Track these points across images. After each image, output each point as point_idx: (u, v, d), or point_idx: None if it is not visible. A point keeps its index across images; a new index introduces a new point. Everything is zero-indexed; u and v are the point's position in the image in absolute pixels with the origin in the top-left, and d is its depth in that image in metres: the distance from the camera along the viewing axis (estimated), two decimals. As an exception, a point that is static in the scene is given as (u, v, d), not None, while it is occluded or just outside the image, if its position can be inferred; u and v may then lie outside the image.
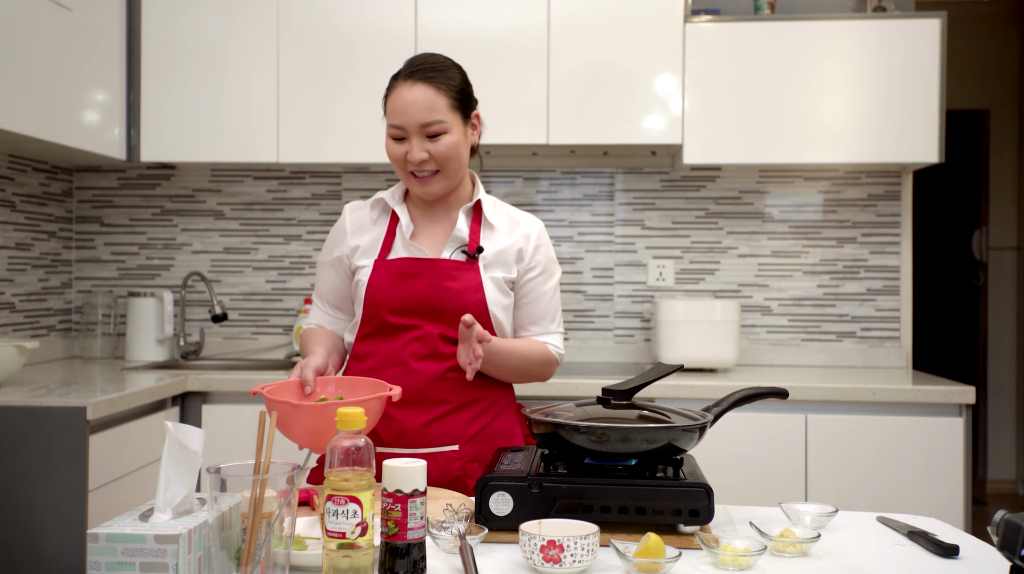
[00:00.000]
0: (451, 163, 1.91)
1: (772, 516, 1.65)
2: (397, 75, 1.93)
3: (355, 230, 2.02)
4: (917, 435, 3.01)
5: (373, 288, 1.93)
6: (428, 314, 1.91)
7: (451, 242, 1.96)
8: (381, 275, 1.93)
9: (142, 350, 3.62)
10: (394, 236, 1.98)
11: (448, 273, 1.92)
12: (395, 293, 1.91)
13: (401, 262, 1.93)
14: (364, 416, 1.28)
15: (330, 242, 2.06)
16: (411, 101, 1.87)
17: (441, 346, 1.90)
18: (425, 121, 1.87)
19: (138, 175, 3.84)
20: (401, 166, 1.93)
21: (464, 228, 1.96)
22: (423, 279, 1.91)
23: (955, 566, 1.42)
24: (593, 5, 3.36)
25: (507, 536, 1.48)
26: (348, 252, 2.00)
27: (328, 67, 3.42)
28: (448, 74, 1.92)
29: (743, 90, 3.35)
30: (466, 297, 1.91)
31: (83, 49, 3.18)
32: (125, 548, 1.17)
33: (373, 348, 1.94)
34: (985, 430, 5.84)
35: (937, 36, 3.31)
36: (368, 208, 2.04)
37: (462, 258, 1.95)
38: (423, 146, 1.89)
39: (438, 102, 1.88)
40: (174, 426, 1.27)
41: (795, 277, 3.70)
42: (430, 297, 1.90)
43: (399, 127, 1.89)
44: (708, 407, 1.70)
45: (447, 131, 1.89)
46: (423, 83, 1.88)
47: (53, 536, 2.41)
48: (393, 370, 1.91)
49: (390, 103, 1.92)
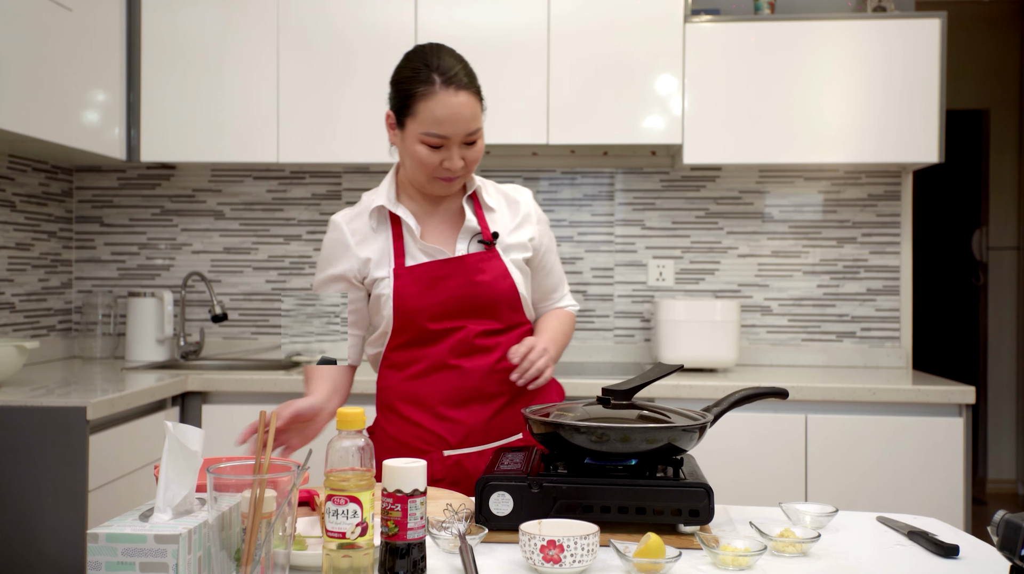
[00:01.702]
0: (477, 164, 1.92)
1: (772, 516, 1.65)
2: (428, 78, 1.82)
3: (359, 241, 1.93)
4: (917, 435, 3.01)
5: (403, 298, 1.88)
6: (467, 312, 1.89)
7: (463, 234, 1.93)
8: (408, 283, 1.88)
9: (142, 350, 3.62)
10: (403, 240, 1.91)
11: (476, 267, 1.90)
12: (430, 299, 1.88)
13: (428, 267, 1.89)
14: (364, 416, 1.28)
15: (330, 258, 1.96)
16: (458, 111, 1.81)
17: (485, 341, 1.90)
18: (470, 130, 1.84)
19: (138, 175, 3.85)
20: (431, 172, 1.86)
21: (473, 218, 1.93)
22: (454, 279, 1.89)
23: (955, 566, 1.42)
24: (593, 5, 3.36)
25: (507, 536, 1.48)
26: (358, 265, 1.92)
27: (328, 67, 3.42)
28: (474, 76, 1.88)
29: (743, 90, 3.34)
30: (497, 286, 1.90)
31: (83, 49, 3.18)
32: (125, 548, 1.17)
33: (414, 355, 1.92)
34: (985, 430, 5.84)
35: (937, 36, 3.31)
36: (364, 217, 1.94)
37: (481, 248, 1.93)
38: (462, 153, 1.85)
39: (477, 109, 1.85)
40: (174, 426, 1.27)
41: (795, 277, 3.70)
42: (466, 295, 1.89)
43: (443, 136, 1.82)
44: (708, 407, 1.70)
45: (481, 136, 1.88)
46: (465, 91, 1.83)
47: (53, 536, 2.41)
48: (442, 374, 1.90)
49: (428, 111, 1.81)
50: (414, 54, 1.88)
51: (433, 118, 1.81)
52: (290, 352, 3.76)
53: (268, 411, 1.55)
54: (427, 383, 1.91)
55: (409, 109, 1.83)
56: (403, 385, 1.94)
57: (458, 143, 1.84)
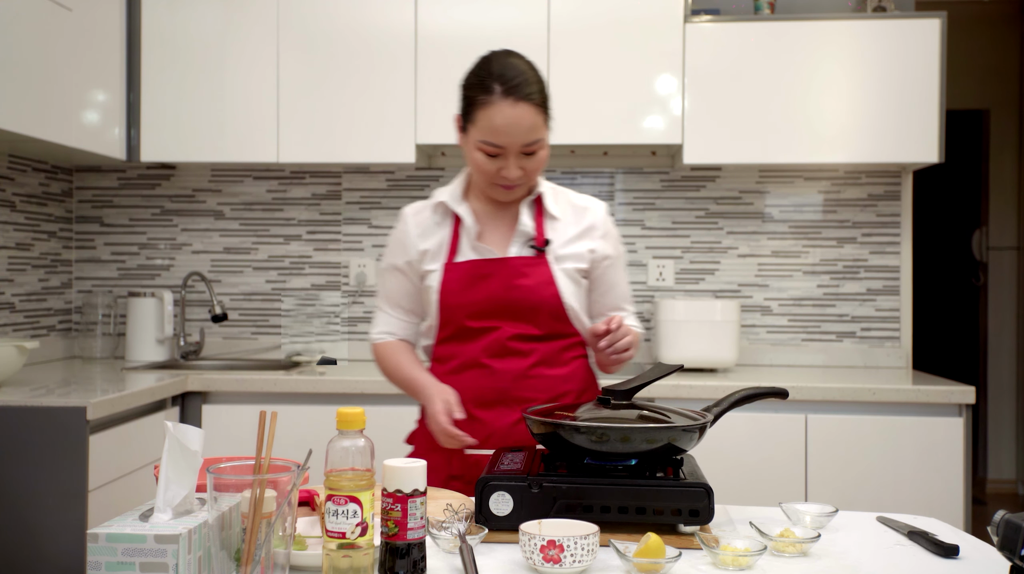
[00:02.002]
0: (539, 173, 1.92)
1: (772, 516, 1.65)
2: (487, 87, 1.85)
3: (420, 234, 1.98)
4: (917, 435, 3.01)
5: (446, 293, 1.91)
6: (505, 314, 1.90)
7: (517, 237, 1.94)
8: (453, 279, 1.91)
9: (142, 350, 3.62)
10: (459, 237, 1.95)
11: (519, 270, 1.90)
12: (470, 297, 1.90)
13: (471, 264, 1.91)
14: (364, 416, 1.28)
15: (395, 247, 2.03)
16: (514, 123, 1.83)
17: (521, 345, 1.90)
18: (527, 141, 1.85)
19: (138, 175, 3.84)
20: (490, 178, 1.90)
21: (528, 222, 1.94)
22: (495, 279, 1.90)
23: (955, 566, 1.42)
24: (593, 5, 3.36)
25: (507, 536, 1.48)
26: (416, 256, 1.98)
27: (328, 67, 3.42)
28: (539, 86, 1.87)
29: (743, 90, 3.34)
30: (539, 292, 1.90)
31: (83, 49, 3.18)
32: (125, 548, 1.17)
33: (453, 351, 1.95)
34: (985, 430, 5.84)
35: (937, 36, 3.31)
36: (430, 211, 2.00)
37: (530, 253, 1.92)
38: (519, 163, 1.87)
39: (537, 120, 1.85)
40: (174, 426, 1.27)
41: (795, 277, 3.70)
42: (504, 297, 1.89)
43: (499, 146, 1.85)
44: (708, 407, 1.70)
45: (542, 147, 1.88)
46: (525, 102, 1.83)
47: (53, 536, 2.41)
48: (474, 372, 1.91)
49: (487, 119, 1.85)
50: (483, 61, 1.91)
51: (490, 127, 1.84)
52: (290, 352, 3.77)
53: (268, 411, 1.54)
54: (460, 380, 1.92)
55: (470, 116, 1.89)
56: (442, 379, 1.96)
57: (515, 153, 1.85)
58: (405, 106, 3.40)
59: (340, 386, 3.10)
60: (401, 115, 3.40)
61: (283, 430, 1.85)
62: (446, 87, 3.38)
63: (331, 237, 3.80)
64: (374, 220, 3.79)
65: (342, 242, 3.80)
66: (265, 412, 1.25)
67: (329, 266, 3.80)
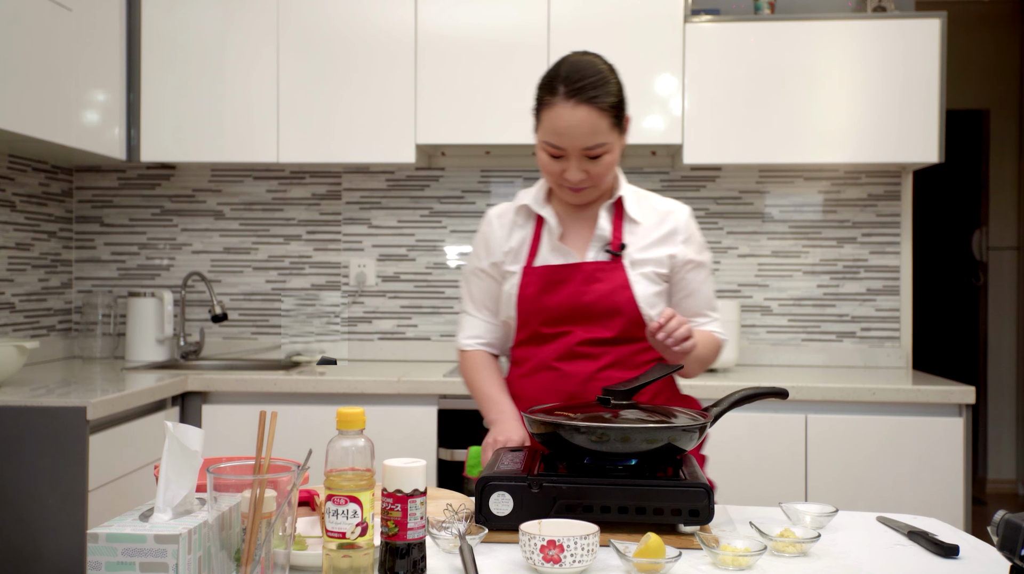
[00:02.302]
0: (607, 178, 1.88)
1: (772, 516, 1.65)
2: (553, 88, 1.82)
3: (504, 235, 1.98)
4: (917, 435, 3.01)
5: (524, 299, 1.91)
6: (577, 318, 1.88)
7: (595, 241, 1.93)
8: (529, 284, 1.91)
9: (142, 350, 3.62)
10: (540, 239, 1.94)
11: (593, 275, 1.88)
12: (544, 302, 1.89)
13: (546, 270, 1.90)
14: (364, 416, 1.28)
15: (480, 250, 2.02)
16: (574, 125, 1.79)
17: (590, 348, 1.88)
18: (588, 145, 1.81)
19: (138, 175, 3.84)
20: (554, 179, 1.88)
21: (606, 226, 1.92)
22: (568, 285, 1.89)
23: (955, 566, 1.42)
24: (593, 5, 3.36)
25: (507, 536, 1.48)
26: (500, 258, 1.97)
27: (328, 67, 3.42)
28: (608, 88, 1.82)
29: (743, 90, 3.34)
30: (614, 297, 1.87)
31: (83, 49, 3.18)
32: (125, 548, 1.17)
33: (529, 354, 1.94)
34: (985, 430, 5.84)
35: (937, 36, 3.31)
36: (512, 213, 1.99)
37: (606, 257, 1.91)
38: (582, 166, 1.83)
39: (601, 124, 1.81)
40: (174, 426, 1.27)
41: (795, 277, 3.70)
42: (577, 302, 1.88)
43: (558, 147, 1.82)
44: (708, 407, 1.70)
45: (608, 151, 1.84)
46: (586, 105, 1.79)
47: (53, 536, 2.41)
48: (545, 374, 1.91)
49: (548, 120, 1.83)
50: (558, 62, 1.87)
51: (552, 129, 1.82)
52: (290, 352, 3.77)
53: (268, 411, 1.54)
54: (533, 382, 1.92)
55: (538, 115, 1.86)
56: (516, 382, 1.97)
57: (577, 155, 1.82)
58: (405, 106, 3.40)
59: (340, 386, 3.10)
60: (401, 115, 3.40)
61: (283, 430, 1.85)
62: (446, 87, 3.39)
63: (331, 237, 3.80)
64: (374, 220, 3.79)
65: (342, 242, 3.80)
66: (265, 412, 1.25)
67: (329, 266, 3.80)
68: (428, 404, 3.10)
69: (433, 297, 3.78)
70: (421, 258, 3.78)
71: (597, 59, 1.87)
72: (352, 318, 3.79)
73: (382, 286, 3.79)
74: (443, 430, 3.09)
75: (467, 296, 2.04)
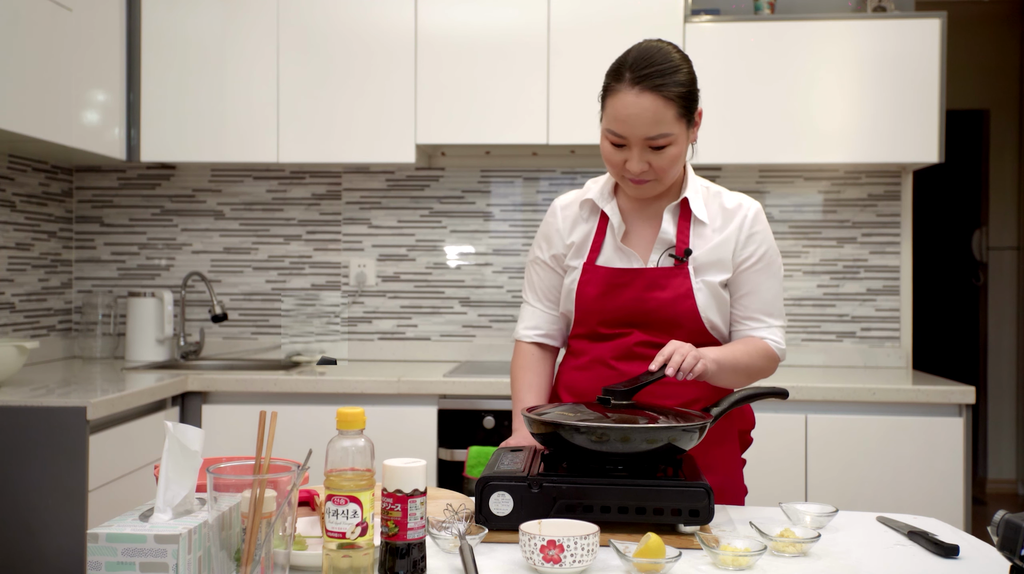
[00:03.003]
0: (671, 172, 1.79)
1: (772, 516, 1.65)
2: (619, 74, 1.75)
3: (568, 227, 1.93)
4: (917, 435, 3.01)
5: (583, 297, 1.87)
6: (637, 325, 1.84)
7: (658, 244, 1.86)
8: (590, 282, 1.86)
9: (142, 350, 3.62)
10: (603, 236, 1.89)
11: (656, 282, 1.82)
12: (604, 304, 1.85)
13: (609, 272, 1.85)
14: (364, 416, 1.28)
15: (543, 240, 1.97)
16: (637, 112, 1.71)
17: (649, 351, 1.81)
18: (651, 135, 1.73)
19: (138, 175, 3.84)
20: (617, 170, 1.80)
21: (670, 230, 1.85)
22: (630, 290, 1.83)
23: (955, 566, 1.42)
24: (593, 5, 3.36)
25: (507, 536, 1.48)
26: (563, 251, 1.93)
27: (328, 67, 3.42)
28: (676, 77, 1.74)
29: (743, 90, 3.34)
30: (676, 306, 1.82)
31: (83, 49, 3.18)
32: (125, 548, 1.17)
33: (586, 347, 1.91)
34: (985, 430, 5.84)
35: (937, 36, 3.31)
36: (577, 206, 1.93)
37: (670, 262, 1.84)
38: (644, 157, 1.75)
39: (666, 114, 1.72)
40: (174, 426, 1.27)
41: (795, 277, 3.70)
42: (638, 309, 1.83)
43: (620, 135, 1.75)
44: (708, 407, 1.70)
45: (672, 143, 1.75)
46: (651, 92, 1.71)
47: (53, 536, 2.41)
48: (601, 370, 1.88)
49: (611, 107, 1.75)
50: (629, 48, 1.79)
51: (614, 115, 1.75)
52: (290, 352, 3.77)
53: (268, 411, 1.54)
54: (586, 375, 1.90)
55: (603, 102, 1.79)
56: (570, 373, 1.94)
57: (639, 145, 1.74)
58: (405, 106, 3.40)
59: (340, 386, 3.10)
60: (401, 115, 3.40)
61: (283, 430, 1.85)
62: (446, 87, 3.39)
63: (331, 237, 3.80)
64: (374, 220, 3.79)
65: (342, 242, 3.80)
66: (265, 412, 1.25)
67: (329, 266, 3.80)
68: (428, 404, 3.10)
69: (433, 297, 3.78)
70: (421, 258, 3.78)
71: (671, 47, 1.78)
72: (352, 318, 3.79)
73: (382, 286, 3.79)
74: (443, 430, 3.09)
75: (528, 285, 2.01)
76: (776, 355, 1.89)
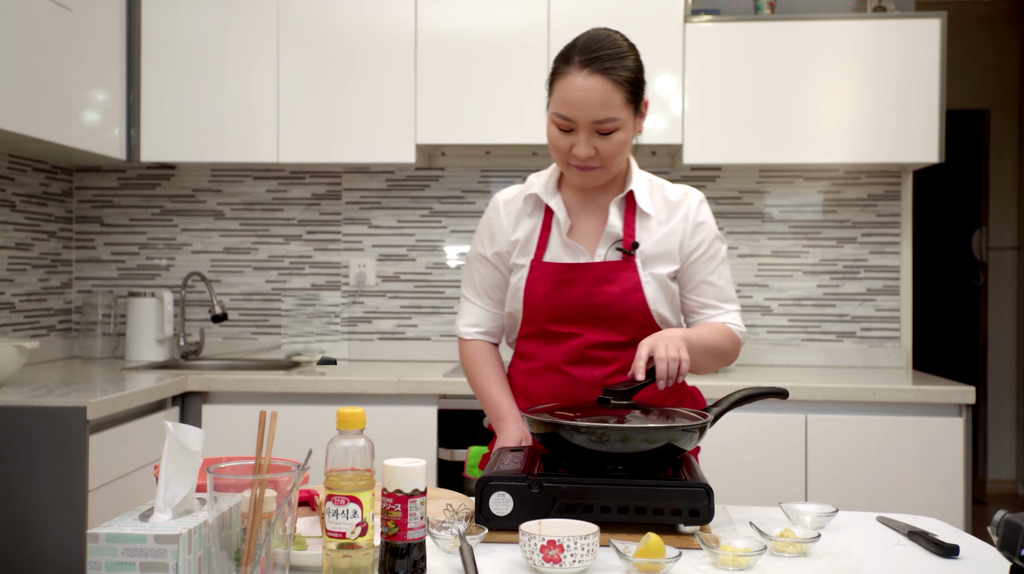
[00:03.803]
0: (617, 159, 1.79)
1: (772, 516, 1.65)
2: (568, 57, 1.75)
3: (512, 223, 1.90)
4: (917, 435, 3.01)
5: (531, 295, 1.85)
6: (587, 321, 1.83)
7: (605, 238, 1.85)
8: (538, 279, 1.84)
9: (142, 350, 3.62)
10: (549, 231, 1.87)
11: (604, 276, 1.82)
12: (552, 301, 1.83)
13: (557, 268, 1.84)
14: (364, 416, 1.28)
15: (486, 236, 1.94)
16: (585, 95, 1.72)
17: (601, 353, 1.83)
18: (598, 118, 1.73)
19: (138, 175, 3.84)
20: (562, 156, 1.79)
21: (617, 223, 1.85)
22: (578, 285, 1.82)
23: (955, 566, 1.42)
24: (593, 5, 3.36)
25: (507, 536, 1.48)
26: (507, 247, 1.90)
27: (328, 67, 3.42)
28: (625, 62, 1.75)
29: (743, 90, 3.35)
30: (625, 300, 1.81)
31: (83, 49, 3.18)
32: (125, 548, 1.17)
33: (536, 350, 1.89)
34: (985, 430, 5.84)
35: (937, 36, 3.31)
36: (520, 201, 1.91)
37: (617, 256, 1.84)
38: (591, 142, 1.75)
39: (614, 98, 1.73)
40: (174, 426, 1.27)
41: (795, 277, 3.70)
42: (587, 303, 1.82)
43: (568, 119, 1.74)
44: (708, 407, 1.70)
45: (619, 128, 1.75)
46: (600, 75, 1.72)
47: (53, 536, 2.41)
48: (553, 376, 1.87)
49: (559, 89, 1.75)
50: (577, 37, 1.81)
51: (562, 97, 1.74)
52: (290, 352, 3.77)
53: (268, 411, 1.54)
54: (540, 382, 1.88)
55: (551, 87, 1.79)
56: (521, 377, 1.93)
57: (587, 129, 1.74)
58: (405, 106, 3.40)
59: (340, 386, 3.10)
60: (401, 115, 3.40)
61: (283, 430, 1.85)
62: (446, 87, 3.39)
63: (331, 237, 3.80)
64: (374, 220, 3.79)
65: (342, 242, 3.80)
66: (265, 412, 1.25)
67: (329, 266, 3.80)
68: (428, 404, 3.10)
69: (433, 297, 3.78)
70: (421, 258, 3.78)
71: (618, 35, 1.81)
72: (352, 318, 3.79)
73: (382, 286, 3.79)
74: (443, 430, 3.09)
75: (468, 282, 1.98)
76: (739, 338, 1.89)
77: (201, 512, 1.25)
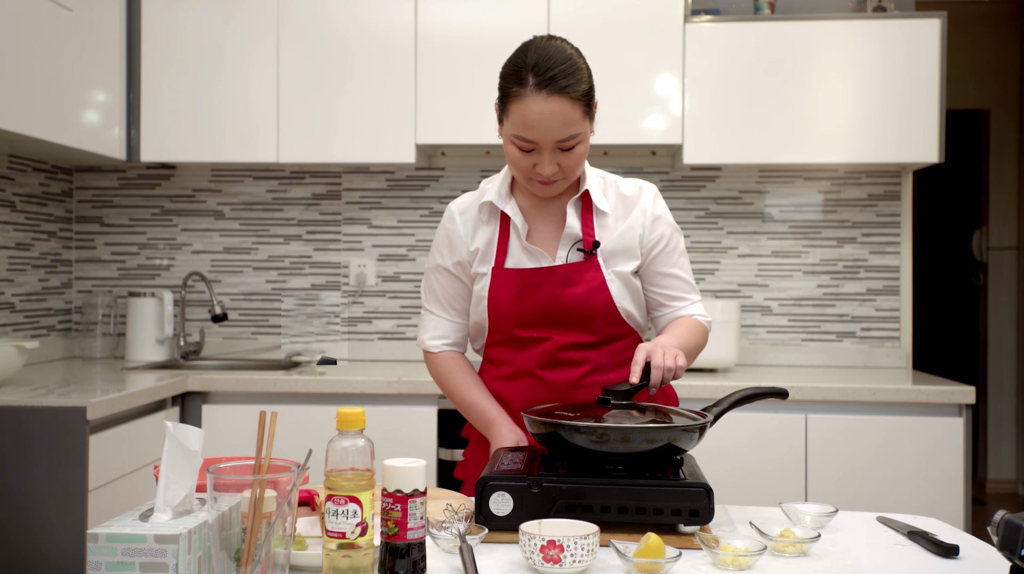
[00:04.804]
0: (579, 168, 1.80)
1: (772, 516, 1.65)
2: (521, 78, 1.71)
3: (470, 232, 1.89)
4: (917, 435, 3.01)
5: (496, 303, 1.84)
6: (555, 323, 1.83)
7: (565, 240, 1.85)
8: (502, 287, 1.84)
9: (142, 350, 3.62)
10: (508, 237, 1.86)
11: (568, 277, 1.81)
12: (518, 307, 1.83)
13: (520, 273, 1.83)
14: (364, 416, 1.28)
15: (444, 247, 1.92)
16: (546, 118, 1.70)
17: (572, 354, 1.83)
18: (560, 137, 1.72)
19: (138, 175, 3.85)
20: (525, 174, 1.78)
21: (575, 224, 1.84)
22: (543, 288, 1.82)
23: (955, 566, 1.42)
24: (593, 5, 3.36)
25: (507, 536, 1.48)
26: (467, 257, 1.89)
27: (328, 67, 3.42)
28: (578, 77, 1.72)
29: (743, 90, 3.35)
30: (591, 300, 1.81)
31: (83, 49, 3.18)
32: (125, 548, 1.17)
33: (506, 357, 1.89)
34: (985, 430, 5.84)
35: (937, 36, 3.31)
36: (476, 210, 1.89)
37: (579, 257, 1.84)
38: (555, 159, 1.75)
39: (574, 115, 1.71)
40: (174, 426, 1.27)
41: (795, 277, 3.70)
42: (554, 307, 1.82)
43: (531, 141, 1.73)
44: (708, 407, 1.70)
45: (581, 142, 1.75)
46: (558, 96, 1.69)
47: (53, 536, 2.41)
48: (526, 381, 1.87)
49: (517, 112, 1.72)
50: (521, 48, 1.77)
51: (523, 122, 1.72)
52: (290, 352, 3.77)
53: (268, 411, 1.54)
54: (512, 387, 1.89)
55: (505, 108, 1.76)
56: (495, 383, 1.92)
57: (550, 148, 1.74)
58: (405, 106, 3.40)
59: (340, 386, 3.10)
60: (401, 115, 3.40)
61: (283, 430, 1.85)
62: (446, 87, 3.39)
63: (331, 237, 3.80)
64: (374, 220, 3.79)
65: (342, 242, 3.80)
66: (265, 412, 1.25)
67: (329, 266, 3.80)
68: (428, 404, 3.10)
69: (433, 297, 3.77)
70: (421, 258, 3.78)
71: (564, 43, 1.77)
72: (352, 318, 3.79)
73: (382, 286, 3.79)
74: (443, 430, 3.09)
75: (430, 294, 1.96)
76: (706, 328, 1.93)
77: (201, 512, 1.25)
